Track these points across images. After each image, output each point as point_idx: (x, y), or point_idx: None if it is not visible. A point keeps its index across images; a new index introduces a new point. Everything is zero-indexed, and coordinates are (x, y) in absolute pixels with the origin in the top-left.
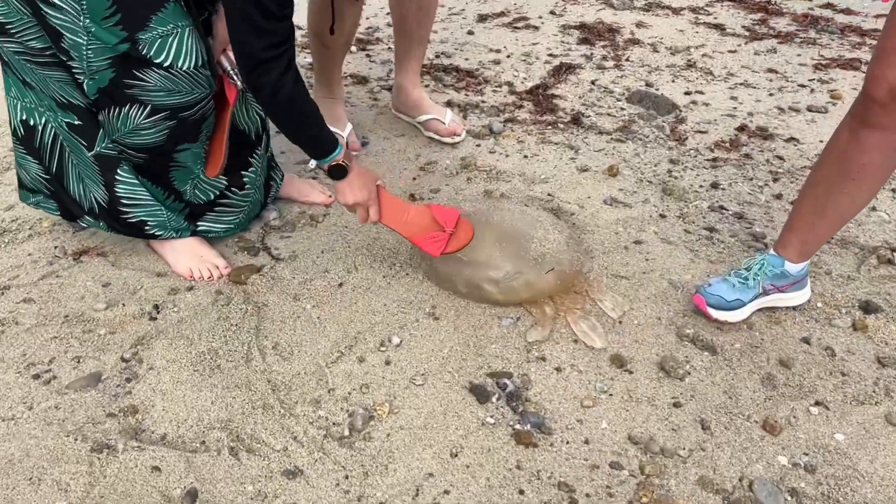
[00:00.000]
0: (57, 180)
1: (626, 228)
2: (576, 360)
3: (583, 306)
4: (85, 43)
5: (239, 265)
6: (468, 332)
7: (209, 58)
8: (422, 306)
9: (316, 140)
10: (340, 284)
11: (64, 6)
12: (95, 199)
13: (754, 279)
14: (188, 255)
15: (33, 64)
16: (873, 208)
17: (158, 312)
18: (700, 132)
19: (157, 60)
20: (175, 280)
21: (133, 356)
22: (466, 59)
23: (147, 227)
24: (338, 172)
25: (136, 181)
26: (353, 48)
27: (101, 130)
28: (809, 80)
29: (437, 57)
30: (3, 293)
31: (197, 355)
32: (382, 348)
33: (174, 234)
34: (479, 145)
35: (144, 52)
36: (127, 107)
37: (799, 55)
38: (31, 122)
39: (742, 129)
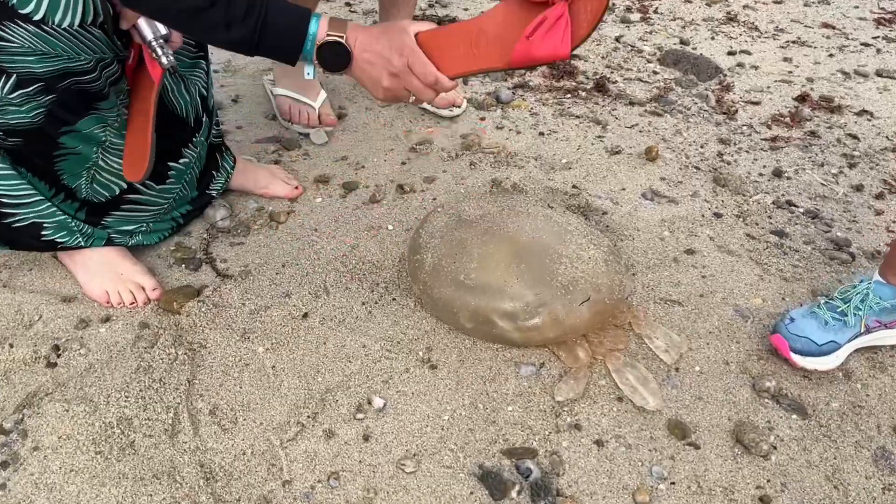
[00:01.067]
0: None
1: (673, 232)
2: (622, 427)
3: (626, 346)
4: None
5: (173, 285)
6: (476, 388)
7: (109, 13)
8: (413, 348)
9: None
10: (305, 315)
11: None
12: None
13: (855, 315)
14: (106, 273)
15: None
16: None
17: (59, 356)
18: (752, 103)
19: (24, 11)
20: (86, 307)
21: (16, 425)
22: (465, 10)
23: (44, 234)
24: (335, 59)
25: (12, 172)
26: None
27: None
28: (873, 38)
29: (431, 6)
30: None
31: (102, 428)
32: (360, 415)
33: (82, 242)
34: (483, 119)
35: None
36: None
37: (856, 7)
38: None
39: (803, 99)
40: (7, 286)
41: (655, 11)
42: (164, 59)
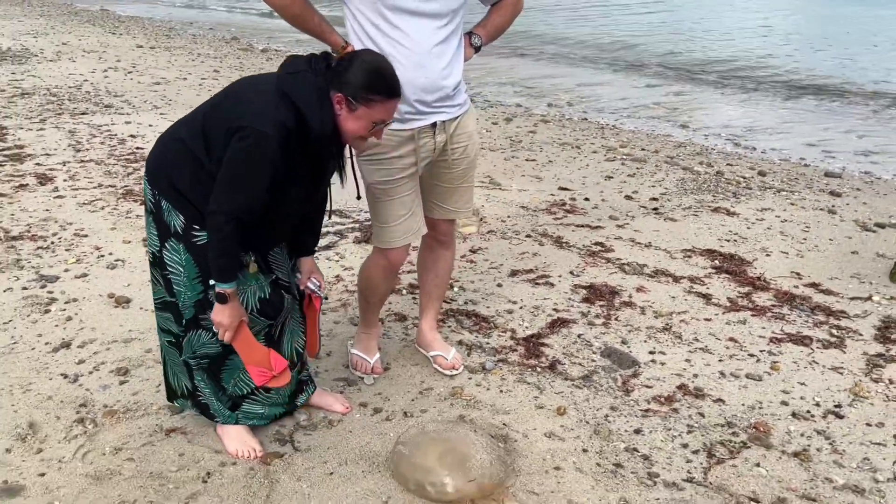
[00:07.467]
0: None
1: (553, 457)
2: None
3: None
4: (183, 291)
5: (270, 450)
6: None
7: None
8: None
9: (221, 270)
10: (331, 473)
11: (174, 267)
12: (185, 386)
13: None
14: (237, 440)
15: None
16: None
17: (209, 478)
18: (646, 386)
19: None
20: (225, 456)
21: None
22: (488, 307)
23: (211, 410)
24: (221, 298)
25: (201, 380)
26: (403, 290)
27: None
28: (760, 352)
29: (466, 303)
30: (116, 452)
31: None
32: None
33: (221, 421)
34: (471, 378)
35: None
36: (202, 332)
37: (763, 328)
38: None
39: (682, 387)
40: (191, 441)
41: (616, 319)
42: (322, 295)
